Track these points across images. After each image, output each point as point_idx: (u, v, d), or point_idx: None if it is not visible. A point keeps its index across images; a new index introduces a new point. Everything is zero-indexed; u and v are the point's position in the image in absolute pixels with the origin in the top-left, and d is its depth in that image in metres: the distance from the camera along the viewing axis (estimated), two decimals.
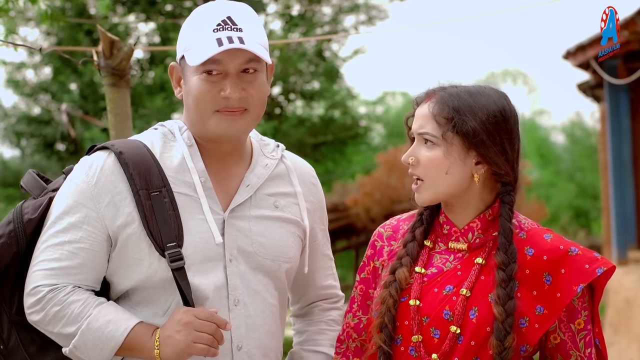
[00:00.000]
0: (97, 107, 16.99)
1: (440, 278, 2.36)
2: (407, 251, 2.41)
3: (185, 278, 2.36)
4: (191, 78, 2.42)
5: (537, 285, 2.31)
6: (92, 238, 2.39)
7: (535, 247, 2.33)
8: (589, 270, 2.29)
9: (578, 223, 23.79)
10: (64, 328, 2.36)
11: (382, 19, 18.98)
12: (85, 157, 2.47)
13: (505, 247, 2.31)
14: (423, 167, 2.36)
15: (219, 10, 2.43)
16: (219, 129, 2.43)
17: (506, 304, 2.26)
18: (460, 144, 2.34)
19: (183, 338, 2.30)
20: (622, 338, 10.46)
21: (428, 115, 2.36)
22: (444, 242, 2.41)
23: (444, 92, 2.38)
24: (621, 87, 11.58)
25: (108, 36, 3.67)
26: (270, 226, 2.50)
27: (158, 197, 2.38)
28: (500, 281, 2.28)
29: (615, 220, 12.11)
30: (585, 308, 2.32)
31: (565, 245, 2.33)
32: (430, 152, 2.35)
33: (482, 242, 2.37)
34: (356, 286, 2.53)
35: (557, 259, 2.30)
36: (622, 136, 11.97)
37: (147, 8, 17.65)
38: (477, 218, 2.38)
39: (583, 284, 2.28)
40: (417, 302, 2.35)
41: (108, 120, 3.77)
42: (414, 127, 2.40)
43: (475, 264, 2.35)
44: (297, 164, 2.64)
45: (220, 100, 2.40)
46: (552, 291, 2.29)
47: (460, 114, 2.33)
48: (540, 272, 2.31)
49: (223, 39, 2.37)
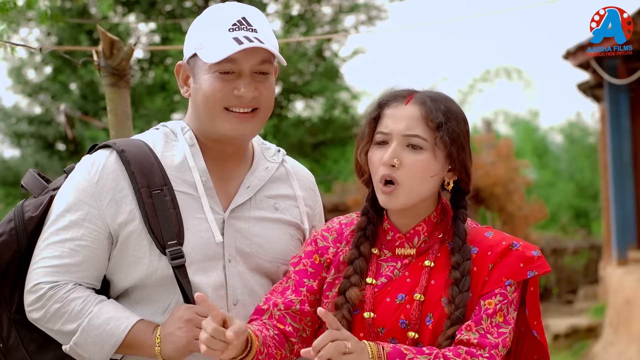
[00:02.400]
0: (97, 107, 16.97)
1: (390, 287, 2.36)
2: (354, 269, 2.37)
3: (185, 276, 2.37)
4: (203, 76, 2.42)
5: (483, 278, 2.33)
6: (94, 236, 2.40)
7: (479, 245, 2.36)
8: (521, 270, 2.32)
9: (578, 223, 23.78)
10: (65, 325, 2.37)
11: (382, 19, 18.99)
12: (87, 156, 2.48)
13: (459, 246, 2.34)
14: (406, 170, 2.32)
15: (234, 11, 2.46)
16: (228, 129, 2.43)
17: (456, 298, 2.28)
18: (444, 149, 2.33)
19: (184, 335, 2.31)
20: (622, 338, 10.47)
21: (417, 117, 2.33)
22: (389, 248, 2.41)
23: (424, 95, 2.37)
24: (621, 87, 11.58)
25: (108, 36, 3.67)
26: (270, 228, 2.51)
27: (159, 196, 2.39)
28: (455, 280, 2.31)
29: (615, 220, 12.11)
30: (502, 295, 2.31)
31: (507, 240, 2.36)
32: (418, 156, 2.32)
33: (428, 246, 2.39)
34: (289, 276, 2.44)
35: (499, 253, 2.34)
36: (622, 136, 11.97)
37: (147, 8, 17.64)
38: (422, 221, 2.39)
39: (512, 280, 2.31)
40: (372, 315, 2.34)
41: (108, 120, 3.78)
42: (398, 127, 2.33)
43: (424, 267, 2.36)
44: (298, 169, 2.66)
45: (232, 98, 2.41)
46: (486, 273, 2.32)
47: (448, 118, 2.33)
48: (486, 265, 2.33)
49: (241, 38, 2.38)
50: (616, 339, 10.73)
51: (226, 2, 2.52)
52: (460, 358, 2.23)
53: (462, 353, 2.23)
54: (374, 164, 2.36)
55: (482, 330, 2.27)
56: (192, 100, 2.48)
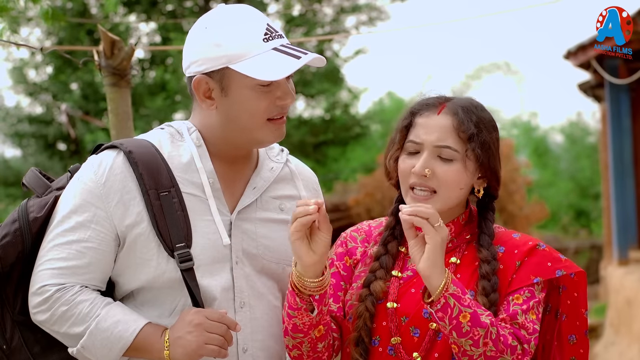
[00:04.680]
0: (98, 107, 16.97)
1: (416, 279, 2.39)
2: (380, 264, 2.42)
3: (194, 279, 2.35)
4: (241, 91, 2.36)
5: (511, 275, 2.36)
6: (100, 237, 2.38)
7: (505, 245, 2.41)
8: (549, 268, 2.37)
9: (579, 223, 23.78)
10: (72, 328, 2.35)
11: (383, 20, 18.99)
12: (93, 156, 2.45)
13: (488, 244, 2.38)
14: (439, 180, 2.36)
15: (253, 16, 2.40)
16: (270, 138, 2.43)
17: (490, 295, 2.32)
18: (475, 159, 2.37)
19: (195, 339, 2.29)
20: (623, 338, 10.46)
21: (448, 128, 2.36)
22: None
23: (457, 105, 2.39)
24: (622, 87, 11.58)
25: (109, 36, 3.67)
26: (276, 229, 2.50)
27: (167, 198, 2.37)
28: (485, 274, 2.34)
29: (616, 220, 12.11)
30: (530, 292, 2.34)
31: (534, 241, 2.42)
32: (449, 167, 2.36)
33: (455, 245, 2.42)
34: None
35: (526, 251, 2.38)
36: (623, 136, 11.97)
37: (148, 8, 17.64)
38: (451, 222, 2.43)
39: (540, 278, 2.35)
40: (395, 305, 2.37)
41: (109, 120, 3.77)
42: (429, 138, 2.36)
43: (450, 264, 2.38)
44: (301, 169, 2.65)
45: (274, 108, 2.40)
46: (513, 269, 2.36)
47: (479, 129, 2.36)
48: (514, 262, 2.37)
49: (282, 49, 2.35)
50: (617, 339, 10.72)
51: (228, 5, 2.45)
52: (505, 333, 2.26)
53: (506, 332, 2.27)
54: (404, 171, 2.40)
55: (516, 324, 2.30)
56: (221, 113, 2.41)
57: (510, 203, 13.91)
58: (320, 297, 2.31)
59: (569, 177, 25.14)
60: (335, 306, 2.45)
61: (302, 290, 2.30)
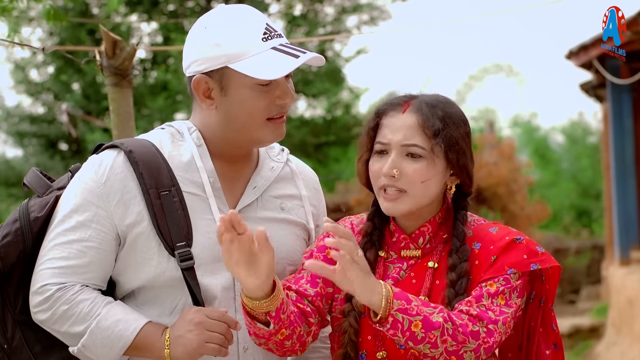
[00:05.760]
0: (99, 107, 16.97)
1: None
2: None
3: (195, 278, 2.36)
4: (241, 90, 2.37)
5: (484, 269, 2.33)
6: (101, 237, 2.38)
7: (482, 240, 2.37)
8: (525, 261, 2.33)
9: (580, 223, 23.76)
10: (72, 327, 2.36)
11: (385, 19, 18.98)
12: (94, 156, 2.46)
13: (457, 248, 2.35)
14: (407, 179, 2.33)
15: (252, 16, 2.41)
16: (270, 137, 2.43)
17: (453, 301, 2.28)
18: (443, 155, 2.34)
19: (195, 338, 2.29)
20: (625, 338, 10.46)
21: (414, 126, 2.34)
22: (395, 250, 2.42)
23: (422, 101, 2.37)
24: (624, 87, 11.58)
25: (111, 36, 3.67)
26: (276, 228, 2.50)
27: (167, 197, 2.38)
28: (450, 282, 2.31)
29: (617, 220, 12.11)
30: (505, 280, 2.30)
31: (511, 234, 2.37)
32: (417, 165, 2.33)
33: (433, 247, 2.40)
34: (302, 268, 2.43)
35: (502, 246, 2.34)
36: (625, 136, 11.97)
37: (150, 8, 17.64)
38: (427, 222, 2.40)
39: (515, 269, 2.31)
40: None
41: (110, 120, 3.78)
42: (396, 137, 2.34)
43: (428, 268, 2.37)
44: (302, 169, 2.65)
45: (273, 107, 2.40)
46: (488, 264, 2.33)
47: (445, 123, 2.33)
48: (489, 257, 2.34)
49: (281, 48, 2.36)
50: (619, 339, 10.72)
51: (228, 5, 2.46)
52: (463, 321, 2.22)
53: (465, 319, 2.23)
54: (374, 173, 2.38)
55: (482, 307, 2.26)
56: (221, 112, 2.42)
57: (512, 203, 13.90)
58: (277, 311, 2.24)
59: (570, 177, 25.13)
60: (313, 290, 2.39)
61: (255, 311, 2.24)
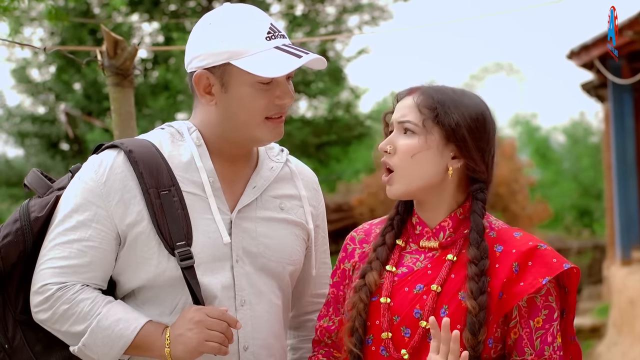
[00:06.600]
0: (100, 107, 16.98)
1: (410, 277, 2.37)
2: (377, 255, 2.41)
3: (194, 277, 2.37)
4: (241, 87, 2.39)
5: (505, 275, 2.31)
6: (101, 236, 2.39)
7: (505, 244, 2.36)
8: (555, 264, 2.31)
9: (582, 223, 23.76)
10: (73, 326, 2.36)
11: (386, 19, 18.98)
12: (94, 156, 2.46)
13: (478, 242, 2.33)
14: (398, 155, 2.36)
15: (257, 15, 2.43)
16: (268, 136, 2.44)
17: (478, 298, 2.27)
18: (439, 134, 2.34)
19: (195, 336, 2.30)
20: (626, 338, 10.46)
21: (411, 105, 2.37)
22: (415, 241, 2.43)
23: (429, 87, 2.41)
24: (625, 87, 11.58)
25: (112, 36, 3.67)
26: (276, 228, 2.51)
27: (167, 196, 2.38)
28: (473, 275, 2.29)
29: (619, 220, 12.11)
30: (547, 307, 2.31)
31: (535, 241, 2.36)
32: (408, 140, 2.35)
33: (453, 240, 2.39)
34: (329, 291, 2.54)
35: (525, 252, 2.32)
36: (626, 136, 11.97)
37: (151, 8, 17.64)
38: (448, 217, 2.40)
39: (549, 277, 2.29)
40: (388, 300, 2.36)
41: (112, 120, 3.78)
42: (395, 116, 2.39)
43: (446, 261, 2.36)
44: (301, 169, 2.66)
45: (272, 107, 2.41)
46: (517, 280, 2.30)
47: (444, 106, 2.34)
48: (510, 263, 2.32)
49: (284, 48, 2.38)
50: (620, 339, 10.72)
51: (233, 4, 2.48)
52: None
53: None
54: (378, 152, 2.42)
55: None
56: (220, 109, 2.43)
57: (513, 203, 13.90)
58: None
59: (571, 177, 25.13)
60: (337, 319, 2.47)
61: None
